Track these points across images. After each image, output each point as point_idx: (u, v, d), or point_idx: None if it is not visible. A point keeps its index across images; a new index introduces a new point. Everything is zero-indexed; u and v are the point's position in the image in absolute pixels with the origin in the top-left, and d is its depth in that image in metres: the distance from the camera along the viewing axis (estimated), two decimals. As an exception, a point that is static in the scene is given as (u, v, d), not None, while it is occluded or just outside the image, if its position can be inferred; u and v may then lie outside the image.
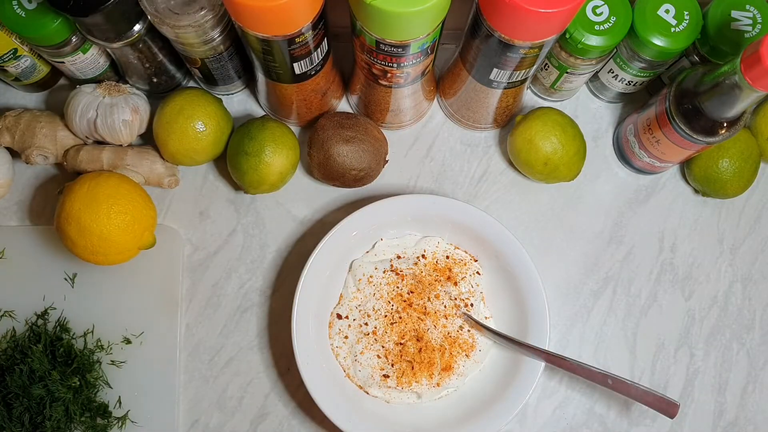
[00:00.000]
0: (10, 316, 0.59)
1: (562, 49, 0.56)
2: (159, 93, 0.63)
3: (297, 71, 0.52)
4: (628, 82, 0.60)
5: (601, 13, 0.53)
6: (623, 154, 0.64)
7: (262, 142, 0.56)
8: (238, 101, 0.65)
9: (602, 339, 0.61)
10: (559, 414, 0.60)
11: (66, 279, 0.60)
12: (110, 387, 0.57)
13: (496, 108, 0.60)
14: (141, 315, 0.59)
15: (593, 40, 0.53)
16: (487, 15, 0.46)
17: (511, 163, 0.64)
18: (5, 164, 0.60)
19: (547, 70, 0.60)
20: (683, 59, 0.58)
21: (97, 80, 0.60)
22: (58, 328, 0.58)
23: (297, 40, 0.47)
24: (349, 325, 0.58)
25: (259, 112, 0.64)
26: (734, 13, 0.54)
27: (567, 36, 0.54)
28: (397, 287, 0.58)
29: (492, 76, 0.53)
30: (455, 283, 0.58)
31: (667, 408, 0.53)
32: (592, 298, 0.62)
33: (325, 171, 0.58)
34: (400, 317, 0.58)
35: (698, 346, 0.62)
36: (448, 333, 0.58)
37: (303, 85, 0.55)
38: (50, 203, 0.62)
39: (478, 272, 0.59)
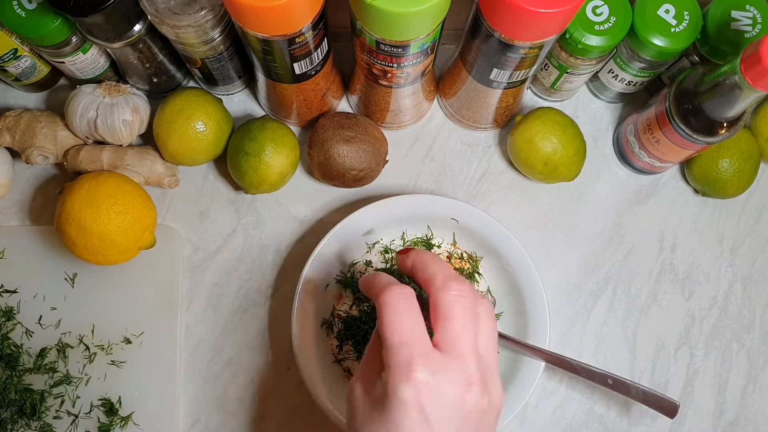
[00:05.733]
0: (10, 316, 0.59)
1: (562, 49, 0.56)
2: (159, 93, 0.63)
3: (297, 71, 0.52)
4: (628, 82, 0.60)
5: (601, 13, 0.53)
6: (623, 154, 0.64)
7: (262, 142, 0.56)
8: (238, 101, 0.65)
9: (602, 339, 0.61)
10: (559, 414, 0.60)
11: (66, 279, 0.60)
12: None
13: (496, 108, 0.60)
14: (141, 315, 0.59)
15: (593, 40, 0.53)
16: (487, 15, 0.46)
17: (511, 163, 0.64)
18: (5, 164, 0.60)
19: (547, 70, 0.60)
20: (683, 59, 0.58)
21: (97, 80, 0.60)
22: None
23: (297, 40, 0.47)
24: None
25: (259, 112, 0.64)
26: (734, 13, 0.54)
27: (567, 36, 0.54)
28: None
29: (492, 76, 0.53)
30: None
31: (667, 408, 0.53)
32: (592, 298, 0.62)
33: (325, 171, 0.58)
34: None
35: (698, 346, 0.62)
36: (448, 333, 0.58)
37: (303, 85, 0.55)
38: (50, 203, 0.62)
39: (478, 272, 0.59)
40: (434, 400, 0.36)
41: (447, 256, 0.60)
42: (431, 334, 0.39)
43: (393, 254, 0.59)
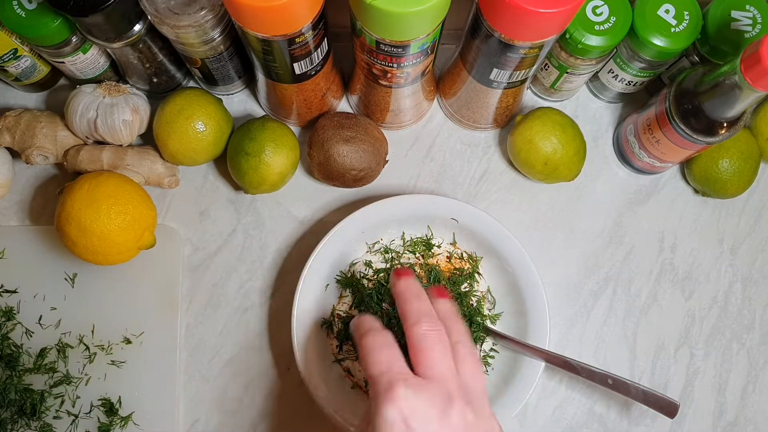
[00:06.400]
0: (10, 316, 0.59)
1: (562, 49, 0.56)
2: (159, 93, 0.63)
3: (297, 71, 0.52)
4: (628, 82, 0.60)
5: (601, 13, 0.53)
6: (623, 154, 0.64)
7: (262, 142, 0.56)
8: (238, 101, 0.65)
9: (602, 339, 0.61)
10: (559, 414, 0.60)
11: (66, 279, 0.60)
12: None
13: (496, 108, 0.60)
14: (141, 315, 0.59)
15: (593, 40, 0.53)
16: (487, 15, 0.46)
17: (511, 163, 0.64)
18: (5, 164, 0.60)
19: (547, 70, 0.60)
20: (683, 59, 0.58)
21: (97, 80, 0.60)
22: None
23: (297, 40, 0.47)
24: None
25: (259, 112, 0.64)
26: (734, 13, 0.54)
27: (567, 36, 0.54)
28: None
29: (492, 76, 0.53)
30: (455, 284, 0.58)
31: (667, 408, 0.53)
32: (592, 298, 0.62)
33: (325, 171, 0.58)
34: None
35: (698, 346, 0.62)
36: (448, 333, 0.58)
37: (303, 85, 0.55)
38: (50, 203, 0.62)
39: (478, 272, 0.59)
40: (418, 416, 0.38)
41: (447, 256, 0.60)
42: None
43: (393, 254, 0.59)
